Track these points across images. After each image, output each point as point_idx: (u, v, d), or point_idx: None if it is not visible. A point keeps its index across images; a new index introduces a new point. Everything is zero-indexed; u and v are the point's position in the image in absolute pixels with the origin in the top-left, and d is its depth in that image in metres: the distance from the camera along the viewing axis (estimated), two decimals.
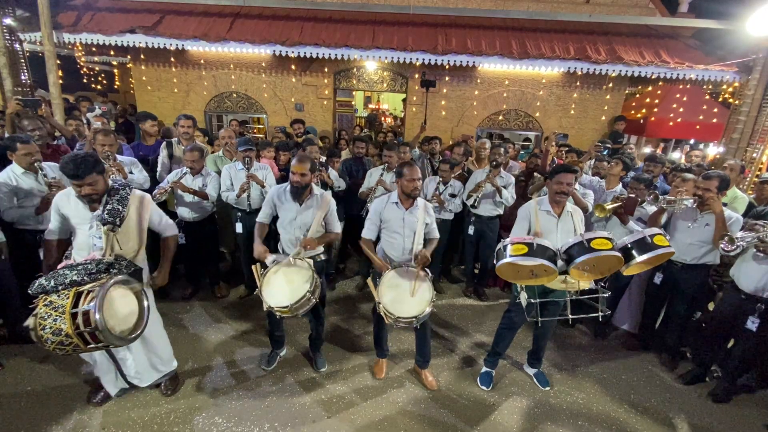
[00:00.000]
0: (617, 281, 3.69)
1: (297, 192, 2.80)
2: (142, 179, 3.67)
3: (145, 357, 2.67)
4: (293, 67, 7.37)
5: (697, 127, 6.84)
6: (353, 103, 11.67)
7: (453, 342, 3.68)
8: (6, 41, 5.96)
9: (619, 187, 3.90)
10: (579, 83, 7.28)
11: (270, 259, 2.77)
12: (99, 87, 9.96)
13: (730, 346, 3.23)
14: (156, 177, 4.09)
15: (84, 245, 2.37)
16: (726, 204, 3.27)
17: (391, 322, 2.61)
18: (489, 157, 4.43)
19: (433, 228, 2.97)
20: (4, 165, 3.12)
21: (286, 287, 2.64)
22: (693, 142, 7.56)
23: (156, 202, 3.42)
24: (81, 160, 2.18)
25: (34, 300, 1.95)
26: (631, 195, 3.35)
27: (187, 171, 3.67)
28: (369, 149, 4.93)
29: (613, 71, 6.47)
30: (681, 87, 7.26)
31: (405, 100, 8.06)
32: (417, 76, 7.20)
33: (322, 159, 4.19)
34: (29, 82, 6.41)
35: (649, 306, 3.62)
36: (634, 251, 2.41)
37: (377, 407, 2.85)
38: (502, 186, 4.00)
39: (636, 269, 2.60)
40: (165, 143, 4.20)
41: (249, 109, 7.87)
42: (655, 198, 3.02)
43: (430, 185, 4.24)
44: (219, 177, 3.85)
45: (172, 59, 7.37)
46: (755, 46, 5.74)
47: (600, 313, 2.60)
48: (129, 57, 7.79)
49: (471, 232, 4.35)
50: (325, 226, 2.97)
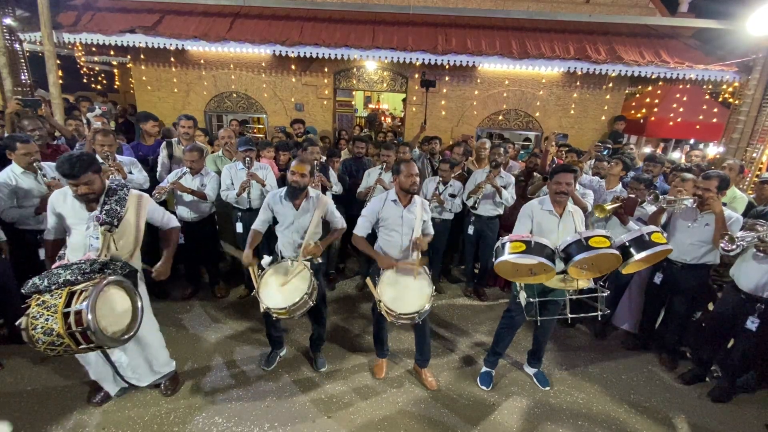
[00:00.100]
0: (617, 281, 3.69)
1: (294, 192, 2.79)
2: (141, 179, 3.67)
3: (141, 358, 2.64)
4: (293, 67, 7.37)
5: (697, 127, 6.84)
6: (353, 103, 11.66)
7: (453, 342, 3.68)
8: (6, 41, 5.96)
9: (619, 187, 3.90)
10: (579, 83, 7.27)
11: (266, 261, 2.77)
12: (99, 87, 9.95)
13: (729, 345, 3.23)
14: (156, 177, 4.09)
15: (78, 245, 2.34)
16: (725, 204, 3.26)
17: (393, 319, 2.62)
18: (489, 157, 4.43)
19: (429, 224, 3.01)
20: (3, 165, 3.12)
21: (283, 289, 2.64)
22: (693, 142, 7.55)
23: (156, 201, 3.42)
24: (76, 159, 2.16)
25: (27, 299, 1.93)
26: (631, 195, 3.35)
27: (187, 171, 3.68)
28: (369, 149, 4.92)
29: (613, 71, 6.47)
30: (681, 87, 7.26)
31: (405, 100, 8.05)
32: (417, 76, 7.20)
33: (322, 159, 4.19)
34: (29, 82, 6.40)
35: (649, 306, 3.62)
36: (632, 249, 2.41)
37: (377, 407, 2.85)
38: (501, 186, 3.99)
39: (634, 267, 2.60)
40: (165, 143, 4.20)
41: (249, 109, 7.87)
42: (655, 198, 3.02)
43: (430, 185, 4.24)
44: (218, 177, 3.85)
45: (172, 59, 7.36)
46: (755, 45, 5.74)
47: (599, 312, 2.60)
48: (129, 57, 7.79)
49: (471, 232, 4.35)
50: (329, 224, 3.00)
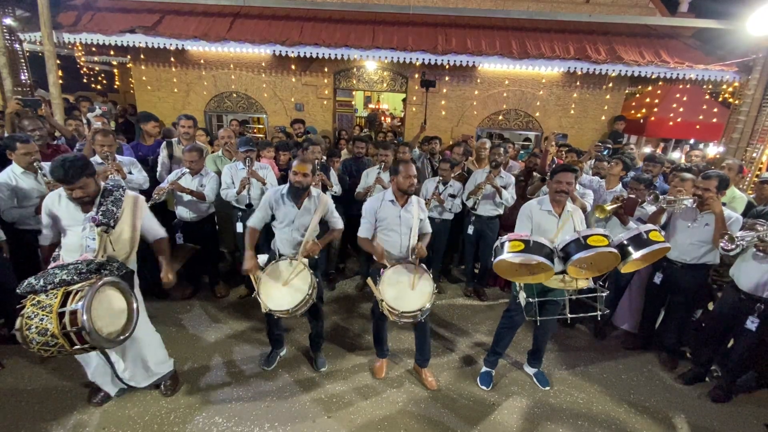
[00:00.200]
0: (618, 281, 3.70)
1: (297, 193, 2.77)
2: (141, 179, 3.68)
3: (138, 361, 2.62)
4: (293, 67, 7.37)
5: (697, 127, 6.84)
6: (353, 103, 11.66)
7: (453, 342, 3.68)
8: (6, 41, 5.96)
9: (619, 187, 3.90)
10: (579, 83, 7.28)
11: (262, 259, 2.76)
12: (99, 87, 9.95)
13: (729, 345, 3.23)
14: (156, 177, 4.09)
15: (73, 246, 2.33)
16: (725, 204, 3.26)
17: (396, 318, 2.63)
18: (489, 157, 4.43)
19: (426, 223, 3.01)
20: (4, 165, 3.12)
21: (284, 289, 2.64)
22: (693, 141, 7.55)
23: (155, 201, 3.43)
24: (70, 164, 2.13)
25: (22, 300, 1.92)
26: (631, 195, 3.35)
27: (187, 171, 3.68)
28: (369, 149, 4.92)
29: (613, 71, 6.47)
30: (681, 87, 7.26)
31: (405, 100, 8.06)
32: (417, 76, 7.20)
33: (323, 159, 4.19)
34: (29, 82, 6.41)
35: (649, 306, 3.62)
36: (630, 247, 2.42)
37: (377, 407, 2.85)
38: (501, 186, 4.00)
39: (633, 266, 2.60)
40: (165, 143, 4.20)
41: (249, 109, 7.87)
42: (655, 198, 3.02)
43: (429, 185, 4.24)
44: (218, 178, 3.85)
45: (172, 59, 7.37)
46: (755, 45, 5.75)
47: (599, 312, 2.60)
48: (129, 57, 7.79)
49: (471, 232, 4.35)
50: (327, 224, 2.99)
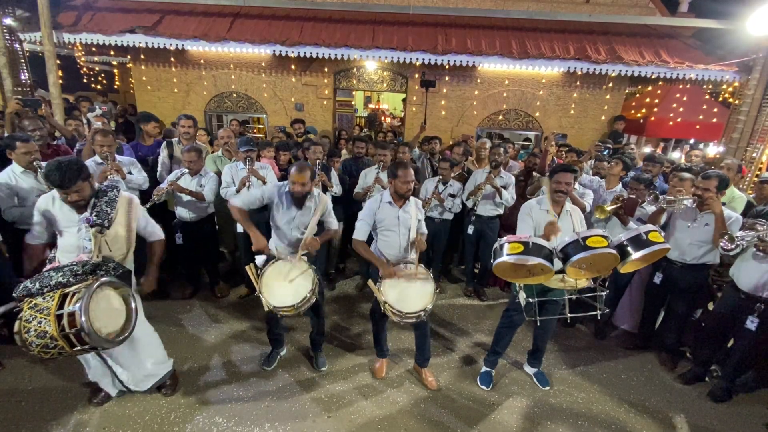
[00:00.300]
0: (618, 281, 3.70)
1: (299, 201, 2.80)
2: (141, 180, 3.68)
3: (136, 363, 2.60)
4: (293, 67, 7.37)
5: (697, 127, 6.84)
6: (353, 103, 11.65)
7: (453, 342, 3.69)
8: (6, 41, 5.97)
9: (619, 187, 3.90)
10: (579, 83, 7.28)
11: (260, 260, 2.77)
12: (99, 87, 9.94)
13: (729, 345, 3.23)
14: (156, 177, 4.09)
15: (69, 247, 2.33)
16: (724, 203, 3.26)
17: (399, 319, 2.63)
18: (489, 157, 4.43)
19: (422, 223, 3.06)
20: (4, 166, 3.12)
21: (287, 286, 2.65)
22: (693, 141, 7.55)
23: (155, 202, 3.43)
24: (66, 168, 2.11)
25: (19, 303, 1.92)
26: (631, 196, 3.35)
27: (186, 171, 3.67)
28: (369, 149, 4.93)
29: (613, 71, 6.47)
30: (681, 87, 7.26)
31: (405, 100, 8.06)
32: (417, 75, 7.20)
33: (323, 160, 4.19)
34: (29, 82, 6.41)
35: (649, 306, 3.62)
36: (629, 248, 2.41)
37: (377, 407, 2.85)
38: (501, 186, 4.00)
39: (632, 266, 2.60)
40: (165, 143, 4.20)
41: (249, 109, 7.87)
42: (655, 198, 3.02)
43: (429, 185, 4.24)
44: (217, 178, 3.85)
45: (172, 59, 7.36)
46: (755, 45, 5.75)
47: (599, 312, 2.60)
48: (129, 57, 7.79)
49: (471, 231, 4.35)
50: (323, 224, 2.99)
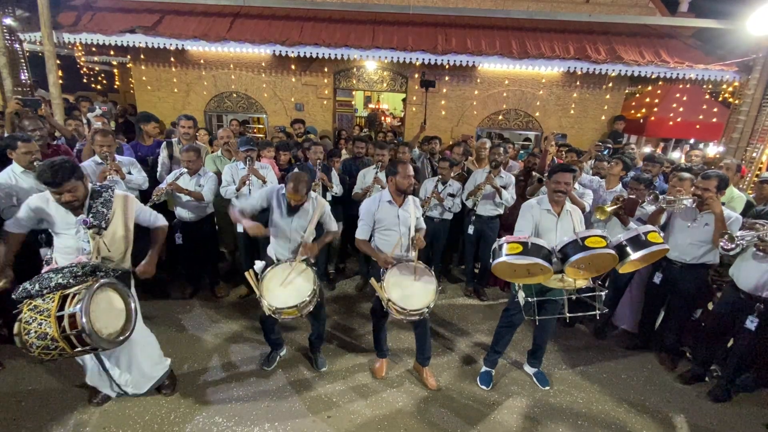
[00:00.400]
0: (618, 281, 3.69)
1: (296, 208, 2.80)
2: (141, 180, 3.68)
3: (134, 365, 2.60)
4: (293, 67, 7.37)
5: (697, 127, 6.84)
6: (353, 103, 11.65)
7: (453, 341, 3.69)
8: (6, 41, 5.96)
9: (619, 187, 3.90)
10: (579, 83, 7.27)
11: (259, 266, 2.78)
12: (99, 87, 9.94)
13: (729, 345, 3.23)
14: (156, 177, 4.09)
15: (67, 249, 2.32)
16: (724, 203, 3.26)
17: (403, 317, 2.64)
18: (489, 157, 4.43)
19: (421, 220, 3.10)
20: (3, 166, 3.12)
21: (289, 288, 2.66)
22: (693, 141, 7.55)
23: (154, 202, 3.43)
24: (58, 166, 2.10)
25: (18, 305, 1.92)
26: (631, 196, 3.35)
27: (185, 171, 3.67)
28: (368, 149, 4.93)
29: (613, 71, 6.47)
30: (681, 87, 7.25)
31: (405, 99, 8.05)
32: (417, 75, 7.20)
33: (324, 161, 4.19)
34: (29, 82, 6.41)
35: (649, 305, 3.62)
36: (628, 248, 2.41)
37: (377, 407, 2.85)
38: (501, 186, 4.00)
39: (631, 267, 2.60)
40: (165, 143, 4.21)
41: (249, 109, 7.87)
42: (655, 198, 3.02)
43: (429, 185, 4.24)
44: (216, 177, 3.85)
45: (172, 59, 7.36)
46: (755, 45, 5.74)
47: (597, 312, 2.60)
48: (129, 57, 7.78)
49: (471, 231, 4.35)
50: (322, 226, 2.99)
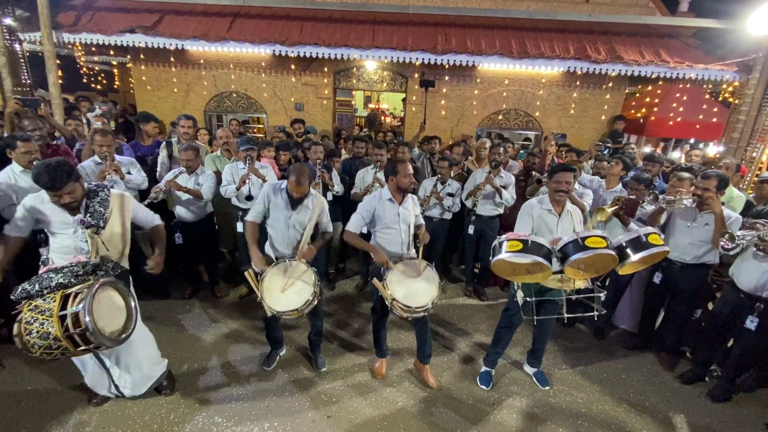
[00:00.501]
0: (618, 281, 3.69)
1: (297, 202, 2.81)
2: (140, 180, 3.68)
3: (133, 364, 2.60)
4: (293, 67, 7.37)
5: (697, 127, 6.83)
6: (353, 103, 11.66)
7: (452, 341, 3.68)
8: (6, 41, 5.96)
9: (619, 187, 3.90)
10: (579, 83, 7.27)
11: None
12: (99, 87, 9.93)
13: (729, 345, 3.23)
14: (156, 177, 4.09)
15: (64, 249, 2.31)
16: (723, 203, 3.26)
17: (408, 315, 2.65)
18: (489, 157, 4.43)
19: (419, 217, 3.12)
20: (3, 165, 3.12)
21: (289, 290, 2.65)
22: (693, 141, 7.55)
23: (153, 200, 3.43)
24: (55, 170, 2.08)
25: (17, 306, 1.92)
26: (632, 197, 3.34)
27: (183, 170, 3.67)
28: (368, 149, 4.93)
29: (613, 71, 6.46)
30: (681, 86, 7.25)
31: (405, 99, 8.05)
32: (417, 75, 7.20)
33: (324, 161, 4.19)
34: (29, 81, 6.41)
35: (649, 305, 3.62)
36: (628, 250, 2.41)
37: (377, 407, 2.85)
38: (501, 186, 3.99)
39: (631, 268, 2.59)
40: (165, 143, 4.21)
41: (249, 109, 7.87)
42: (655, 198, 3.01)
43: (428, 185, 4.23)
44: (214, 175, 3.85)
45: (171, 59, 7.36)
46: (755, 45, 5.74)
47: (596, 313, 2.60)
48: (129, 57, 7.78)
49: (471, 231, 4.34)
50: (318, 226, 2.98)
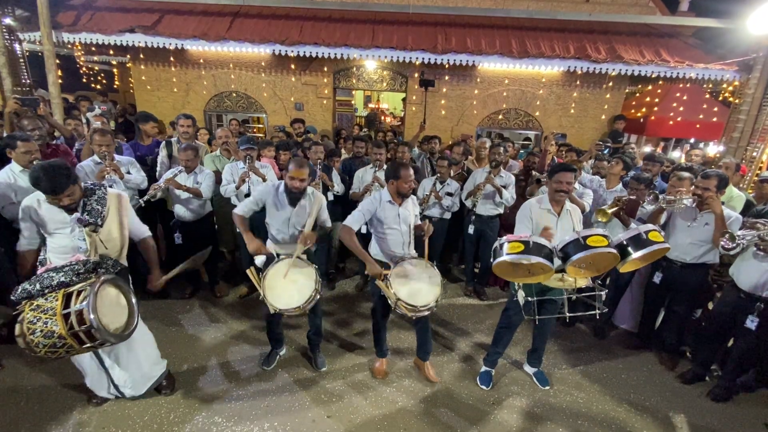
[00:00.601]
0: (618, 280, 3.69)
1: (296, 198, 2.80)
2: (140, 179, 3.68)
3: (133, 363, 2.60)
4: (293, 67, 7.37)
5: (697, 126, 6.83)
6: (353, 103, 11.66)
7: (453, 341, 3.68)
8: (6, 41, 5.96)
9: (620, 187, 3.89)
10: (579, 82, 7.27)
11: (260, 260, 2.77)
12: (98, 86, 9.93)
13: (729, 345, 3.23)
14: (156, 177, 4.09)
15: (62, 248, 2.31)
16: (723, 203, 3.26)
17: (413, 314, 2.65)
18: (489, 157, 4.43)
19: (418, 218, 3.14)
20: (3, 165, 3.11)
21: (291, 287, 2.65)
22: (693, 141, 7.54)
23: (151, 198, 3.43)
24: (54, 174, 2.06)
25: (17, 306, 1.91)
26: (632, 197, 3.34)
27: (182, 170, 3.67)
28: (368, 149, 4.92)
29: (613, 70, 6.46)
30: (681, 86, 7.25)
31: (405, 99, 8.05)
32: (417, 75, 7.19)
33: (323, 161, 4.19)
34: (29, 81, 6.40)
35: (649, 305, 3.62)
36: (629, 248, 2.41)
37: (377, 406, 2.85)
38: (501, 186, 3.99)
39: (632, 266, 2.59)
40: (165, 143, 4.21)
41: (249, 109, 7.87)
42: (655, 198, 3.01)
43: (426, 184, 4.23)
44: (213, 174, 3.85)
45: (171, 59, 7.36)
46: (755, 44, 5.73)
47: (597, 311, 2.60)
48: (128, 56, 7.78)
49: (471, 231, 4.34)
50: (317, 221, 2.98)
